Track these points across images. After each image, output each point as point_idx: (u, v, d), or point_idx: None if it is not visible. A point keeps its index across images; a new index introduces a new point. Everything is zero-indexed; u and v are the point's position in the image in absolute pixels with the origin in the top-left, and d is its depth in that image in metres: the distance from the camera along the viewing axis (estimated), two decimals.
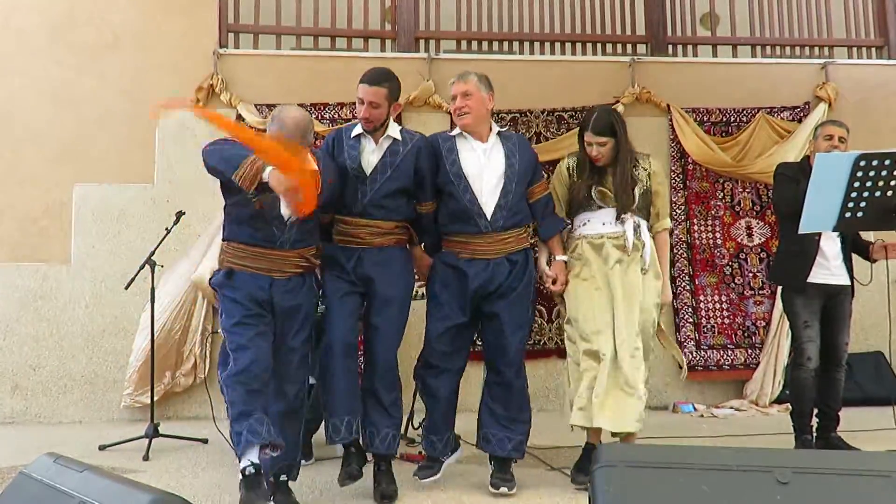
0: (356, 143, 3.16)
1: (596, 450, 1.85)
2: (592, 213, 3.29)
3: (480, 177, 3.20)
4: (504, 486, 3.12)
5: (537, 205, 3.33)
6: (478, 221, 3.18)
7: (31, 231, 5.36)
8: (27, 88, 5.44)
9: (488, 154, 3.24)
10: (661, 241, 3.39)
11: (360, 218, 3.13)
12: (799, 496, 1.63)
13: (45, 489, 1.72)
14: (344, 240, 3.16)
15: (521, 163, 3.26)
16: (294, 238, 2.97)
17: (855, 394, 5.07)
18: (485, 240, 3.19)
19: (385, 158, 3.14)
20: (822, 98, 5.79)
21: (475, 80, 3.25)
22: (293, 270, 3.00)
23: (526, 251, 3.29)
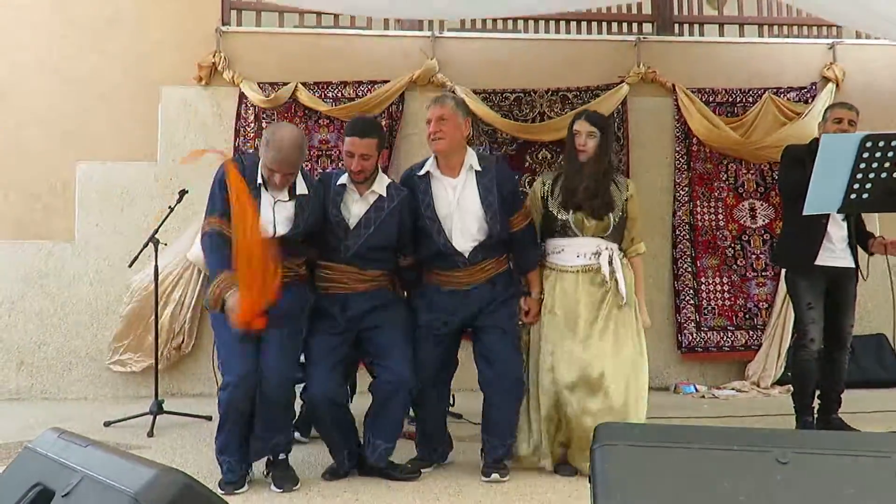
0: (341, 192, 3.12)
1: (595, 431, 1.85)
2: (567, 241, 3.23)
3: (452, 221, 3.13)
4: (496, 472, 3.13)
5: (516, 236, 3.23)
6: (455, 259, 3.14)
7: (36, 209, 5.36)
8: (30, 65, 5.42)
9: (459, 192, 3.14)
10: (636, 265, 3.34)
11: (347, 265, 3.11)
12: (799, 476, 1.64)
13: (49, 464, 1.73)
14: (327, 287, 3.13)
15: (500, 197, 3.15)
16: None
17: (856, 376, 5.07)
18: (464, 273, 3.16)
19: (370, 213, 3.10)
20: (830, 78, 5.74)
21: (452, 105, 3.13)
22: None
23: (508, 271, 3.27)
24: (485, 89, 5.58)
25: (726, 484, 1.66)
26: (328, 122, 5.50)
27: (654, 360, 5.50)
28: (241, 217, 2.87)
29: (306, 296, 3.12)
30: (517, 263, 3.31)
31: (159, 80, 5.46)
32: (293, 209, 2.99)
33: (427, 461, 3.31)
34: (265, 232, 2.92)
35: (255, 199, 2.93)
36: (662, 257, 5.63)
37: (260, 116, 5.47)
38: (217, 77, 5.46)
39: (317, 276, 3.17)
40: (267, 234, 2.93)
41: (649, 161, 5.69)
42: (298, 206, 3.00)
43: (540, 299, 3.26)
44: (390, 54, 5.62)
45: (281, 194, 2.97)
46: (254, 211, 2.90)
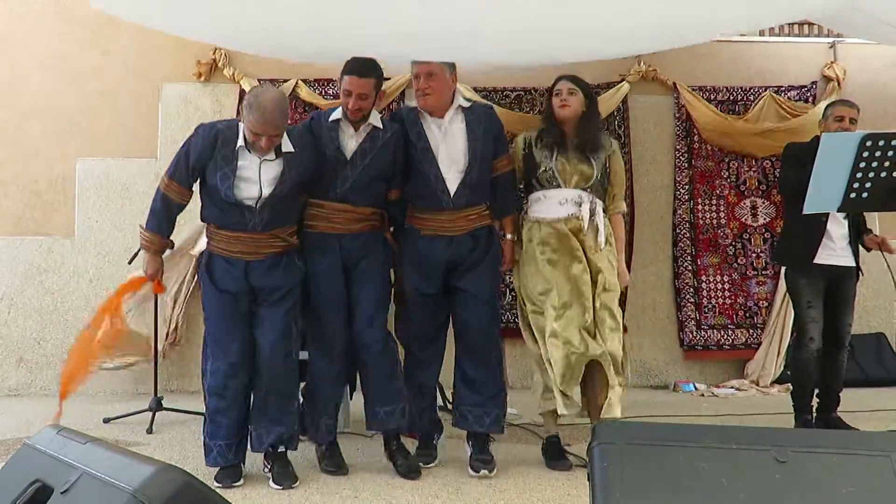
0: (335, 127, 3.13)
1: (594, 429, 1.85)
2: (548, 190, 3.23)
3: (439, 152, 3.16)
4: (484, 468, 3.12)
5: (497, 180, 3.28)
6: (440, 197, 3.16)
7: (36, 204, 5.36)
8: (31, 61, 5.42)
9: (446, 129, 3.18)
10: (615, 223, 3.33)
11: (339, 203, 3.12)
12: (797, 475, 1.64)
13: (48, 460, 1.74)
14: (319, 226, 3.15)
15: (486, 135, 3.21)
16: (266, 220, 3.00)
17: (855, 375, 5.08)
18: (447, 216, 3.17)
19: (365, 144, 3.12)
20: (830, 77, 5.73)
21: (437, 65, 3.18)
22: (268, 251, 3.04)
23: (490, 227, 3.28)
24: (486, 87, 5.58)
25: (725, 482, 1.67)
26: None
27: (655, 358, 5.54)
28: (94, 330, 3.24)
29: (298, 269, 3.12)
30: (496, 207, 3.32)
31: (160, 77, 5.45)
32: (280, 167, 3.00)
33: (431, 451, 3.30)
34: (251, 194, 2.96)
35: (233, 161, 2.95)
36: (663, 255, 5.63)
37: None
38: (217, 74, 5.46)
39: (308, 214, 3.17)
40: (252, 195, 2.96)
41: (650, 159, 5.69)
42: (286, 164, 3.00)
43: (514, 241, 3.30)
44: None
45: (268, 154, 2.97)
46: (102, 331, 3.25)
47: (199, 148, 2.97)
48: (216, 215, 3.04)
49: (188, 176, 3.01)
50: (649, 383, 5.49)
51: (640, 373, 5.52)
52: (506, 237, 3.32)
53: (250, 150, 2.96)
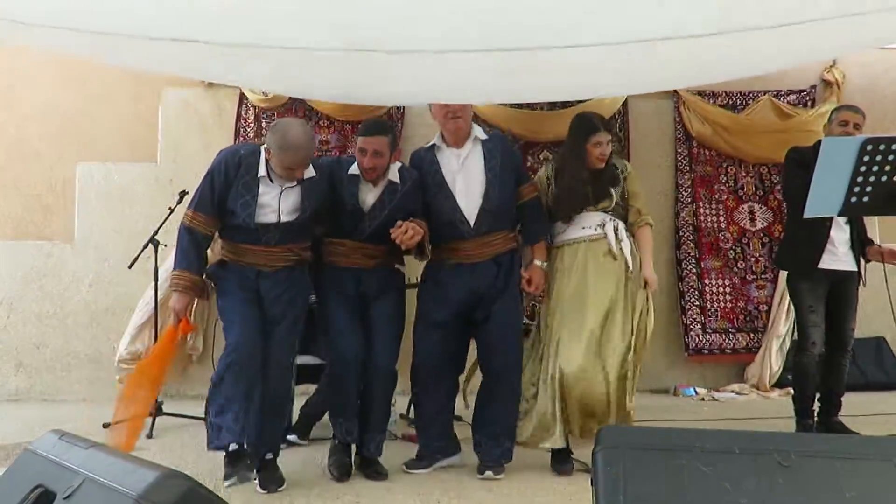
0: (355, 181, 3.20)
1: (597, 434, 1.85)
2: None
3: (456, 183, 3.23)
4: (489, 469, 3.16)
5: (525, 207, 3.33)
6: (461, 228, 3.21)
7: (36, 208, 5.36)
8: (31, 65, 5.42)
9: (464, 160, 3.26)
10: (643, 234, 3.37)
11: (359, 243, 3.21)
12: (800, 479, 1.64)
13: (50, 465, 1.73)
14: (338, 260, 3.23)
15: (504, 164, 3.26)
16: (279, 237, 3.05)
17: (856, 379, 5.08)
18: (470, 244, 3.23)
19: (383, 197, 3.20)
20: (830, 82, 5.74)
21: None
22: (280, 264, 3.08)
23: (512, 252, 3.31)
24: None
25: (728, 486, 1.67)
26: (328, 123, 5.50)
27: (657, 362, 5.53)
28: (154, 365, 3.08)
29: (306, 284, 3.19)
30: (526, 232, 3.37)
31: (161, 81, 5.44)
32: (300, 194, 3.05)
33: (426, 461, 3.30)
34: (268, 220, 3.00)
35: (254, 189, 2.98)
36: (664, 259, 5.63)
37: (260, 117, 5.47)
38: None
39: (326, 250, 3.25)
40: (269, 221, 3.00)
41: (650, 163, 5.69)
42: (305, 191, 3.05)
43: (543, 268, 3.31)
44: None
45: (291, 181, 3.00)
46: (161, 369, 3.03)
47: (224, 174, 2.98)
48: (229, 233, 3.08)
49: (213, 205, 2.99)
50: (650, 387, 5.48)
51: (641, 377, 5.50)
52: (535, 263, 3.32)
53: (272, 180, 3.00)
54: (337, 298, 3.21)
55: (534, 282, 3.28)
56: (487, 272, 3.22)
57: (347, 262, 3.22)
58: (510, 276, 3.26)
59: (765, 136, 5.55)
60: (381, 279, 3.26)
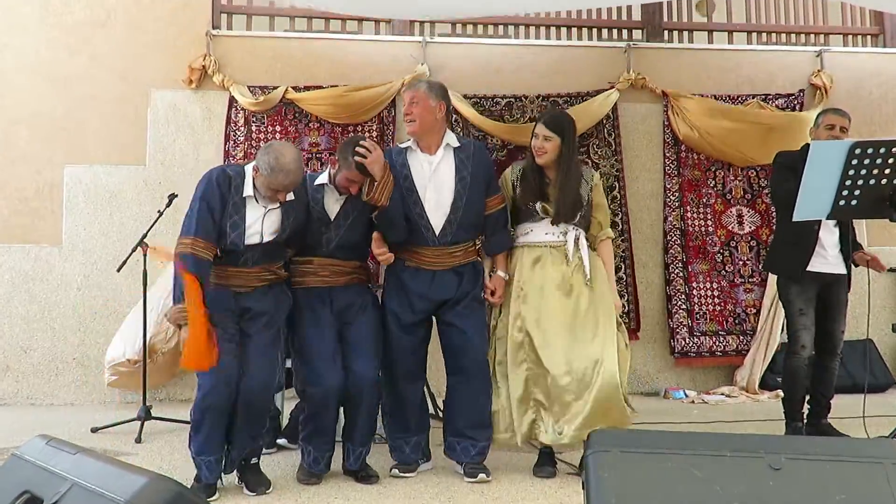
0: (320, 191, 3.24)
1: (588, 437, 1.85)
2: (535, 224, 3.30)
3: (427, 190, 3.23)
4: (481, 472, 3.16)
5: (490, 218, 3.32)
6: (425, 235, 3.22)
7: (23, 212, 5.32)
8: (18, 67, 5.38)
9: (435, 167, 3.25)
10: (604, 249, 3.38)
11: (327, 258, 3.22)
12: (791, 482, 1.64)
13: (37, 471, 1.72)
14: (306, 281, 3.21)
15: (475, 175, 3.25)
16: (257, 258, 3.05)
17: (844, 381, 5.09)
18: (432, 252, 3.24)
19: (346, 206, 3.23)
20: (817, 86, 5.78)
21: (424, 89, 3.24)
22: (258, 284, 3.07)
23: (474, 263, 3.34)
24: (476, 94, 5.59)
25: (719, 489, 1.67)
26: (318, 125, 5.49)
27: (646, 365, 5.55)
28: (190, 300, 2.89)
29: (287, 297, 3.18)
30: (488, 244, 3.39)
31: (149, 84, 5.43)
32: (280, 216, 3.07)
33: (406, 465, 3.29)
34: (253, 241, 3.00)
35: (242, 209, 2.98)
36: (653, 262, 5.65)
37: (249, 120, 5.45)
38: (207, 80, 5.44)
39: (294, 271, 3.25)
40: (253, 242, 3.00)
41: (640, 167, 5.72)
42: (285, 213, 3.08)
43: (506, 279, 3.32)
44: (381, 59, 5.62)
45: (274, 203, 3.02)
46: (203, 321, 2.88)
47: (219, 196, 2.96)
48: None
49: (215, 228, 2.94)
50: (640, 390, 5.50)
51: (630, 380, 5.51)
52: (497, 273, 3.34)
53: (258, 200, 3.01)
54: (311, 323, 3.18)
55: (497, 293, 3.31)
56: (449, 281, 3.24)
57: (317, 280, 3.21)
58: (475, 282, 3.30)
59: (750, 138, 5.56)
60: (354, 296, 3.25)
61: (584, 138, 5.57)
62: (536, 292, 3.23)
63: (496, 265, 3.36)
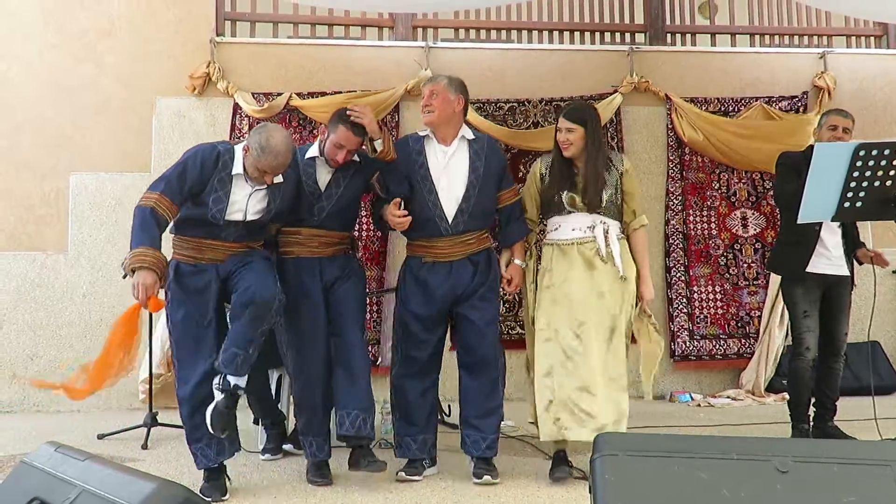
0: (311, 164, 3.30)
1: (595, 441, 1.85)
2: (563, 218, 3.29)
3: (441, 179, 3.27)
4: (487, 474, 3.17)
5: (504, 211, 3.38)
6: (438, 224, 3.26)
7: (28, 219, 5.34)
8: (23, 75, 5.41)
9: (449, 158, 3.30)
10: (638, 238, 3.35)
11: (315, 229, 3.27)
12: (799, 485, 1.64)
13: (46, 478, 1.72)
14: (297, 251, 3.27)
15: (487, 167, 3.30)
16: (238, 234, 3.08)
17: (850, 383, 5.09)
18: (446, 242, 3.27)
19: (338, 174, 3.28)
20: (821, 87, 5.78)
21: (444, 82, 3.30)
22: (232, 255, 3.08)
23: (488, 251, 3.36)
24: (479, 99, 5.60)
25: (726, 493, 1.66)
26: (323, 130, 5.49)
27: None
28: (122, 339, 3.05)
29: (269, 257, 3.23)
30: (504, 235, 3.42)
31: (153, 91, 5.45)
32: (266, 198, 3.10)
33: (414, 468, 3.28)
34: (235, 218, 3.03)
35: (228, 185, 3.01)
36: (655, 266, 5.64)
37: (254, 126, 5.45)
38: (211, 87, 5.46)
39: (283, 241, 3.30)
40: (236, 219, 3.04)
41: (643, 170, 5.71)
42: (271, 194, 3.11)
43: (523, 268, 3.34)
44: (384, 65, 5.63)
45: (260, 184, 3.05)
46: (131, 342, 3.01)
47: (200, 168, 2.97)
48: (187, 226, 3.08)
49: (181, 193, 2.96)
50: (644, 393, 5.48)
51: (635, 383, 5.50)
52: (514, 262, 3.37)
53: (246, 180, 3.04)
54: (299, 299, 3.20)
55: (514, 282, 3.36)
56: (465, 271, 3.27)
57: (305, 251, 3.26)
58: (488, 272, 3.31)
59: (755, 144, 5.56)
60: (341, 266, 3.31)
61: None
62: (565, 292, 3.21)
63: (513, 254, 3.38)
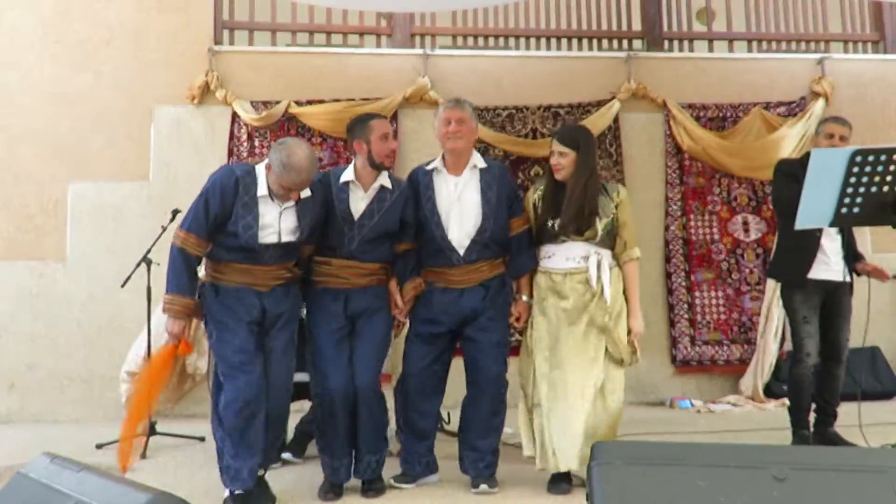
0: (345, 189, 3.22)
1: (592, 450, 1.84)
2: (557, 247, 3.26)
3: (450, 214, 3.25)
4: (484, 483, 3.17)
5: (514, 239, 3.34)
6: (450, 256, 3.25)
7: (27, 228, 5.34)
8: (22, 85, 5.42)
9: (461, 189, 3.28)
10: (629, 271, 3.31)
11: (347, 260, 3.20)
12: (795, 492, 1.64)
13: (42, 489, 1.72)
14: (327, 281, 3.22)
15: (499, 196, 3.28)
16: (277, 256, 3.05)
17: (851, 388, 5.07)
18: (458, 270, 3.26)
19: (373, 204, 3.21)
20: (819, 93, 5.79)
21: (470, 110, 3.28)
22: (276, 283, 3.07)
23: (502, 276, 3.34)
24: (477, 106, 5.54)
25: (723, 500, 1.66)
26: (321, 140, 5.51)
27: (649, 374, 5.53)
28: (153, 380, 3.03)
29: (299, 298, 3.21)
30: (512, 266, 3.38)
31: (152, 100, 5.46)
32: (296, 214, 3.04)
33: (410, 476, 3.30)
34: (270, 240, 2.99)
35: (254, 209, 2.97)
36: (655, 272, 5.64)
37: (252, 135, 5.47)
38: (209, 96, 5.47)
39: (315, 270, 3.24)
40: (271, 241, 3.00)
41: (642, 176, 5.72)
42: (301, 211, 3.05)
43: (530, 304, 3.32)
44: (382, 72, 5.64)
45: (288, 201, 3.00)
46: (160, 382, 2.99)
47: (221, 196, 2.95)
48: (225, 254, 3.04)
49: (208, 227, 2.95)
50: (645, 400, 5.48)
51: (635, 389, 5.51)
52: (521, 298, 3.34)
53: (273, 199, 3.00)
54: (324, 324, 3.19)
55: (522, 318, 3.33)
56: (475, 295, 3.26)
57: (337, 282, 3.20)
58: (498, 296, 3.30)
59: (750, 153, 5.60)
60: (371, 298, 3.23)
61: None
62: (554, 319, 3.21)
63: (520, 289, 3.36)
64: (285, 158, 2.88)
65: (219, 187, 2.96)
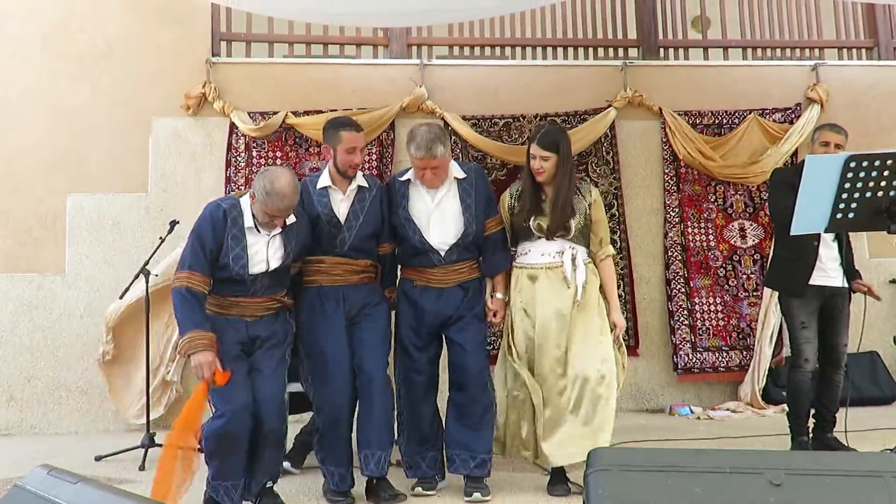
0: (324, 194, 3.27)
1: (589, 456, 1.85)
2: (532, 244, 3.35)
3: (430, 221, 3.29)
4: (477, 492, 3.16)
5: (489, 240, 3.39)
6: (431, 257, 3.30)
7: (25, 241, 5.34)
8: (20, 97, 5.43)
9: (440, 198, 3.31)
10: (605, 268, 3.38)
11: (339, 257, 3.25)
12: (792, 498, 1.64)
13: (39, 501, 1.72)
14: (321, 279, 3.25)
15: (478, 201, 3.33)
16: (266, 285, 3.07)
17: (850, 394, 5.06)
18: (438, 270, 3.32)
19: (355, 206, 3.28)
20: (814, 99, 5.81)
21: (442, 149, 3.19)
22: (264, 313, 3.10)
23: (479, 280, 3.40)
24: (474, 115, 5.63)
25: None
26: (318, 150, 5.52)
27: (650, 382, 5.53)
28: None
29: (290, 324, 3.23)
30: (487, 266, 3.43)
31: (150, 112, 5.48)
32: (282, 241, 3.09)
33: (429, 484, 3.29)
34: (259, 269, 3.02)
35: (242, 240, 3.01)
36: (655, 278, 5.65)
37: (250, 146, 5.49)
38: (207, 107, 5.49)
39: (307, 271, 3.27)
40: (260, 271, 3.03)
41: (639, 184, 5.74)
42: (286, 237, 3.09)
43: (506, 301, 3.39)
44: (379, 83, 5.66)
45: (274, 229, 3.04)
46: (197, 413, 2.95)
47: (212, 229, 2.98)
48: (217, 286, 3.05)
49: (206, 261, 2.97)
50: (644, 407, 5.48)
51: (634, 396, 5.51)
52: (497, 296, 3.41)
53: (259, 230, 3.03)
54: (321, 328, 3.20)
55: (500, 314, 3.40)
56: (455, 296, 3.31)
57: (330, 280, 3.24)
58: (476, 298, 3.36)
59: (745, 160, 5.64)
60: (365, 295, 3.29)
61: (583, 157, 5.61)
62: (536, 312, 3.28)
63: (495, 287, 3.42)
64: (268, 185, 2.91)
65: (209, 221, 2.99)
